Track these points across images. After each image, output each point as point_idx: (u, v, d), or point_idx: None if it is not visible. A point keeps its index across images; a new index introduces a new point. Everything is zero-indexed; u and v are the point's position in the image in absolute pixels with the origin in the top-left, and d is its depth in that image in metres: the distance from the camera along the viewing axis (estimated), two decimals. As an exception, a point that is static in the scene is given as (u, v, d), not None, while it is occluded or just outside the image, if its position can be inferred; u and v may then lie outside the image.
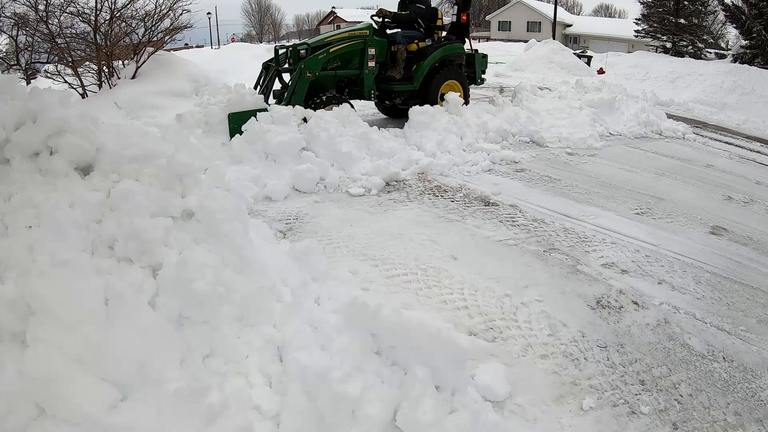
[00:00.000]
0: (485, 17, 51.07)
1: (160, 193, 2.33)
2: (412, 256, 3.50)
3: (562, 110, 7.97)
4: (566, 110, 7.99)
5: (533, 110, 7.73)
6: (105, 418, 1.60)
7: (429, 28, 7.13)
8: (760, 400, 2.49)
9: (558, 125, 7.44)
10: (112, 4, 7.69)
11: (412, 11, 7.01)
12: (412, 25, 7.07)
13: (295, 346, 2.07)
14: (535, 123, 7.33)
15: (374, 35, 6.58)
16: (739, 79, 13.74)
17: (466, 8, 7.57)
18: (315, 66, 6.01)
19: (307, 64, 5.96)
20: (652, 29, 23.85)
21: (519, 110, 7.48)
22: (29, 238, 1.99)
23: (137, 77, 7.98)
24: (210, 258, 2.17)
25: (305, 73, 5.94)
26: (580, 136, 7.18)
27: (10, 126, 2.27)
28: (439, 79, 7.06)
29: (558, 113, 7.85)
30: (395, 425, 1.83)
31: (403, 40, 6.83)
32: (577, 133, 7.28)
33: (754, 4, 18.52)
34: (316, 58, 6.03)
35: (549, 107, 8.03)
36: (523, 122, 7.21)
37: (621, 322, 2.97)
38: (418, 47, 6.93)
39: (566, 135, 7.16)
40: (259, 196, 4.41)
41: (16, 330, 1.73)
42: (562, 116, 7.77)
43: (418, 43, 6.94)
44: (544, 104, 8.17)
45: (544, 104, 8.16)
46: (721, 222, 4.81)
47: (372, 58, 6.51)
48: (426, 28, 7.10)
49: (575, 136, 7.16)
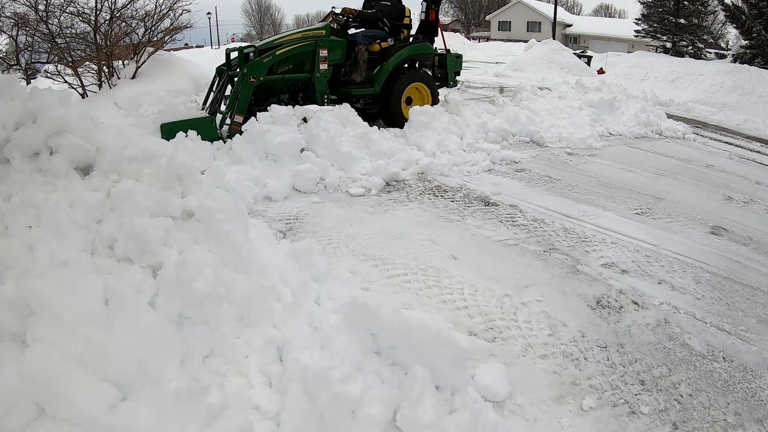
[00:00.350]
0: (485, 17, 51.07)
1: (160, 193, 2.33)
2: (412, 256, 3.50)
3: (562, 110, 7.96)
4: (566, 110, 7.99)
5: (533, 110, 7.72)
6: (105, 418, 1.60)
7: (395, 26, 6.67)
8: (760, 400, 2.49)
9: (558, 125, 7.44)
10: (112, 4, 7.69)
11: (378, 9, 6.60)
12: (377, 24, 6.64)
13: (295, 346, 2.07)
14: (535, 123, 7.32)
15: (332, 35, 6.15)
16: (739, 79, 13.73)
17: (435, 5, 7.08)
18: (259, 70, 5.59)
19: (249, 68, 5.54)
20: (652, 29, 23.85)
21: (519, 110, 7.47)
22: (29, 238, 1.99)
23: (137, 77, 7.98)
24: (210, 258, 2.17)
25: (248, 78, 5.52)
26: (580, 136, 7.18)
27: (10, 126, 2.27)
28: (403, 81, 6.55)
29: (558, 113, 7.85)
30: (395, 425, 1.83)
31: (363, 40, 6.39)
32: (577, 133, 7.28)
33: (754, 4, 18.52)
34: (260, 62, 5.61)
35: (549, 107, 8.02)
36: (523, 122, 7.19)
37: (621, 322, 2.97)
38: (381, 47, 6.46)
39: (566, 135, 7.15)
40: (259, 196, 4.41)
41: (16, 330, 1.73)
42: (562, 116, 7.76)
43: (381, 43, 6.47)
44: (544, 104, 8.16)
45: (543, 104, 8.15)
46: (721, 222, 4.81)
47: (324, 60, 6.06)
48: (392, 26, 6.64)
49: (575, 136, 7.16)
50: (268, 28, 63.93)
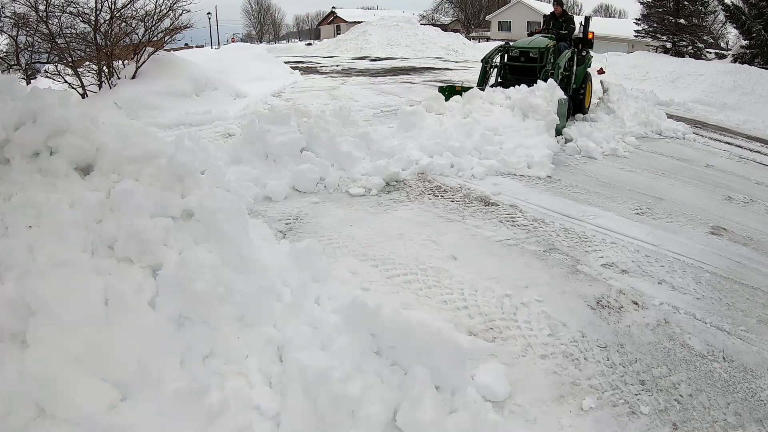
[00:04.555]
0: (485, 17, 51.04)
1: (160, 193, 2.33)
2: (412, 256, 3.49)
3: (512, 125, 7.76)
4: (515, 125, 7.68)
5: (489, 126, 7.28)
6: (105, 418, 1.60)
7: None
8: (760, 400, 2.49)
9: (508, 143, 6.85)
10: (112, 4, 7.70)
11: None
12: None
13: (295, 346, 2.07)
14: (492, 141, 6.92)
15: None
16: (739, 79, 13.73)
17: None
18: None
19: None
20: (652, 29, 23.83)
21: (473, 123, 7.00)
22: (29, 238, 1.99)
23: (137, 77, 7.98)
24: (210, 258, 2.17)
25: None
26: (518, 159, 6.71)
27: (10, 126, 2.27)
28: None
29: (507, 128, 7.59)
30: (395, 425, 1.83)
31: None
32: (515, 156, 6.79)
33: (754, 4, 18.52)
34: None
35: (505, 122, 7.28)
36: (477, 141, 6.81)
37: (621, 322, 2.97)
38: None
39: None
40: (259, 196, 4.41)
41: (16, 330, 1.73)
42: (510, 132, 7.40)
43: None
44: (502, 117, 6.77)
45: (501, 117, 6.72)
46: (721, 222, 4.81)
47: None
48: None
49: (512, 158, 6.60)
50: (268, 28, 63.96)
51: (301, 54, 24.22)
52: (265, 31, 63.52)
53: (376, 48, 24.51)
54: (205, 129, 6.85)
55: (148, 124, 6.44)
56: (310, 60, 19.85)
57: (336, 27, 48.24)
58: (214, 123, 7.15)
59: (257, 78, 11.50)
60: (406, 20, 30.57)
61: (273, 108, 5.39)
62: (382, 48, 24.52)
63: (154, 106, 7.48)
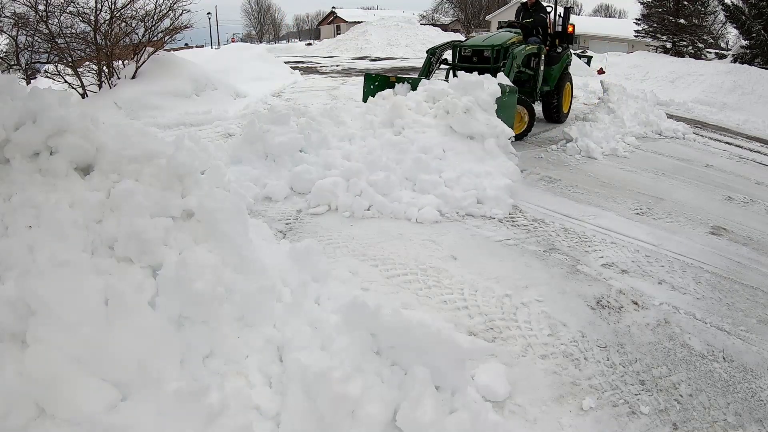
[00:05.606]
0: (485, 17, 51.04)
1: (160, 193, 2.33)
2: (412, 256, 3.49)
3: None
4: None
5: (424, 146, 7.19)
6: (105, 418, 1.60)
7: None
8: (760, 400, 2.49)
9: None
10: (112, 4, 7.70)
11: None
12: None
13: (295, 346, 2.07)
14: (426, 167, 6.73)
15: None
16: (739, 79, 13.73)
17: None
18: None
19: None
20: (652, 29, 23.86)
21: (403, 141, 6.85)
22: (29, 238, 1.99)
23: (137, 77, 7.98)
24: (210, 258, 2.16)
25: None
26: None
27: (10, 126, 2.26)
28: None
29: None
30: (395, 425, 1.83)
31: None
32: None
33: (754, 4, 18.53)
34: None
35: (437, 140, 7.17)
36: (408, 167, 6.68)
37: (621, 322, 2.97)
38: None
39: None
40: (259, 196, 4.41)
41: (16, 330, 1.73)
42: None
43: None
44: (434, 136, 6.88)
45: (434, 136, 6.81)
46: (721, 222, 4.81)
47: None
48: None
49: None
50: (268, 28, 63.97)
51: (301, 54, 24.22)
52: (265, 31, 63.54)
53: (376, 48, 24.53)
54: (205, 129, 6.85)
55: (148, 124, 6.44)
56: (310, 60, 19.86)
57: (336, 27, 48.23)
58: (214, 123, 7.15)
59: (257, 78, 11.49)
60: (406, 20, 30.60)
61: (273, 108, 5.37)
62: (382, 48, 24.54)
63: (154, 106, 7.48)
